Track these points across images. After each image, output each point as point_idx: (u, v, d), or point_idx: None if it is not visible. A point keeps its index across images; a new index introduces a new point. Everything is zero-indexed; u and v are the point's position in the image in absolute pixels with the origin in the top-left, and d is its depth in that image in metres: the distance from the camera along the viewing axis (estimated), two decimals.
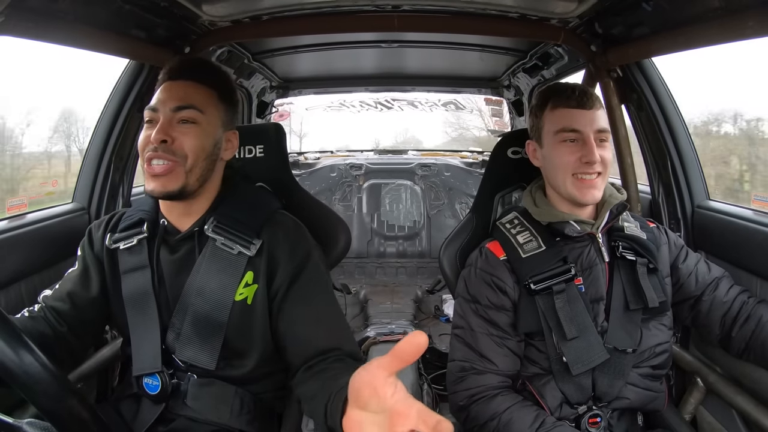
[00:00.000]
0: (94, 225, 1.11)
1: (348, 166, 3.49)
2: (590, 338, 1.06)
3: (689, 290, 1.17)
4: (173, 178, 0.95)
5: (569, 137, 1.09)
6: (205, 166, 0.99)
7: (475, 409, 1.07)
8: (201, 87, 0.99)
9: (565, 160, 1.09)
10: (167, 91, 0.98)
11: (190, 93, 0.98)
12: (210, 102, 1.00)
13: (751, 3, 0.97)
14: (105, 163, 1.58)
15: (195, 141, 0.97)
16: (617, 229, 1.15)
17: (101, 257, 1.06)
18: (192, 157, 0.96)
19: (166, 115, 0.96)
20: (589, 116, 1.08)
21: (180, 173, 0.95)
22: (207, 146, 0.98)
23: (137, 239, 1.03)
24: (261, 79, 2.76)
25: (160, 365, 0.98)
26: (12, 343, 0.65)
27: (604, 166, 1.08)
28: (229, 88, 1.05)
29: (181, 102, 0.97)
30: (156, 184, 0.95)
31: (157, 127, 0.95)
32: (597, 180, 1.08)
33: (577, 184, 1.08)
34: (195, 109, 0.97)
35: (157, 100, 0.98)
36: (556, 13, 1.44)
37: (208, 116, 0.99)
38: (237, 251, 0.99)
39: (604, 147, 1.09)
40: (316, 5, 1.45)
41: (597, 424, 1.07)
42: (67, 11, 1.08)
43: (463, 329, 1.14)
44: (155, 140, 0.94)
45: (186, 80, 0.99)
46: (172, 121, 0.96)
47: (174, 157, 0.95)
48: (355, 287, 3.14)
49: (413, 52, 2.43)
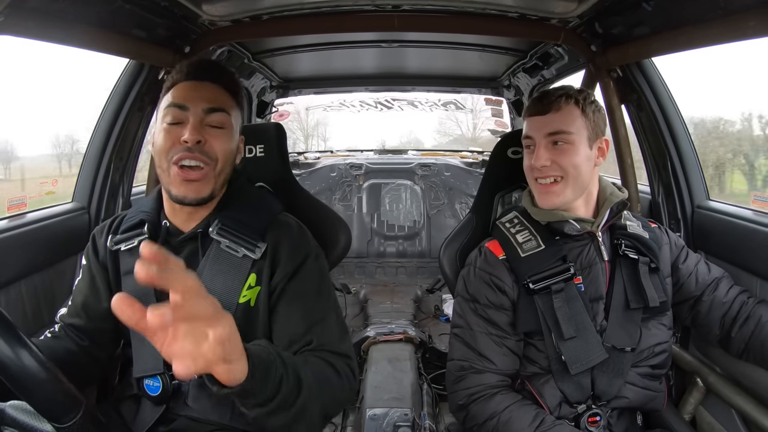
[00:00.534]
0: (97, 231, 1.10)
1: (348, 165, 3.49)
2: (589, 338, 1.06)
3: (689, 290, 1.17)
4: (206, 183, 0.95)
5: (527, 144, 1.12)
6: (229, 171, 1.00)
7: (474, 409, 1.07)
8: (225, 91, 1.00)
9: (525, 166, 1.13)
10: (195, 90, 0.97)
11: (219, 96, 0.98)
12: (233, 107, 1.00)
13: (752, 3, 0.97)
14: (105, 163, 1.58)
15: (225, 145, 0.97)
16: (620, 227, 1.15)
17: (106, 263, 1.06)
18: (222, 160, 0.96)
19: (198, 115, 0.95)
20: (542, 121, 1.09)
21: (211, 178, 0.96)
22: (233, 150, 1.00)
23: (138, 240, 1.02)
24: (261, 79, 2.76)
25: (161, 367, 0.98)
26: (11, 343, 0.65)
27: (563, 169, 1.07)
28: (242, 95, 1.06)
29: (213, 104, 0.96)
30: (189, 189, 0.94)
31: (190, 127, 0.93)
32: (556, 186, 1.08)
33: (537, 189, 1.11)
34: (224, 112, 0.97)
35: (185, 98, 0.96)
36: (556, 12, 1.44)
37: (232, 120, 1.00)
38: (242, 254, 0.99)
39: (559, 149, 1.07)
40: (316, 5, 1.45)
41: (596, 423, 1.07)
42: (67, 11, 1.08)
43: (462, 328, 1.14)
44: (191, 140, 0.92)
45: (212, 82, 0.99)
46: (203, 123, 0.95)
47: (208, 159, 0.94)
48: (355, 287, 3.14)
49: (413, 52, 2.43)
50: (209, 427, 1.00)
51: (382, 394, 1.82)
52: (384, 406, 1.73)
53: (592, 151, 1.09)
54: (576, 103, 1.09)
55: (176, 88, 0.98)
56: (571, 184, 1.08)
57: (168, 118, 0.96)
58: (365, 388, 1.90)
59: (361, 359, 2.25)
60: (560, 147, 1.07)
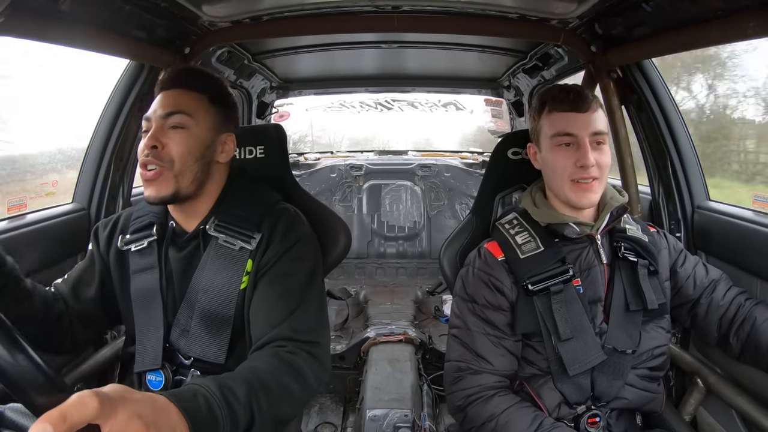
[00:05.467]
0: (101, 224, 1.16)
1: (348, 166, 3.49)
2: (587, 339, 1.06)
3: (687, 293, 1.17)
4: (163, 182, 0.99)
5: (564, 141, 1.08)
6: (198, 169, 1.02)
7: (472, 411, 1.07)
8: (191, 93, 1.03)
9: (561, 165, 1.08)
10: (159, 101, 1.03)
11: (179, 99, 1.02)
12: (200, 106, 1.03)
13: (752, 3, 0.97)
14: (105, 164, 1.58)
15: (182, 146, 1.00)
16: (620, 231, 1.15)
17: (105, 258, 1.11)
18: (179, 161, 0.99)
19: (158, 122, 1.00)
20: (584, 119, 1.07)
21: (168, 178, 0.99)
22: (195, 150, 1.01)
23: (147, 242, 1.07)
24: (261, 80, 2.76)
25: (160, 362, 1.02)
26: (7, 345, 0.64)
27: (601, 170, 1.07)
28: (220, 91, 1.08)
29: (170, 108, 1.00)
30: (149, 190, 0.99)
31: (149, 134, 0.99)
32: (594, 184, 1.07)
33: (574, 188, 1.08)
34: (183, 114, 1.00)
35: (150, 110, 1.02)
36: (556, 13, 1.44)
37: (198, 120, 1.02)
38: (239, 247, 1.02)
39: (600, 150, 1.08)
40: (316, 6, 1.45)
41: (596, 423, 1.07)
42: (68, 11, 1.08)
43: (460, 329, 1.14)
44: (146, 146, 0.98)
45: (176, 89, 1.03)
46: (164, 128, 1.00)
47: (161, 162, 0.98)
48: (355, 288, 3.14)
49: (413, 53, 2.44)
50: None
51: (382, 395, 1.82)
52: (384, 407, 1.73)
53: None
54: (599, 105, 1.11)
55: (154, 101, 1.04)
56: (603, 183, 1.10)
57: (143, 129, 1.03)
58: (365, 389, 1.90)
59: (361, 360, 2.25)
60: (600, 147, 1.08)
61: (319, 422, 2.13)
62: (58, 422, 0.44)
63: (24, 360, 0.63)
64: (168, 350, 1.03)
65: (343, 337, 2.55)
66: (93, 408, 0.47)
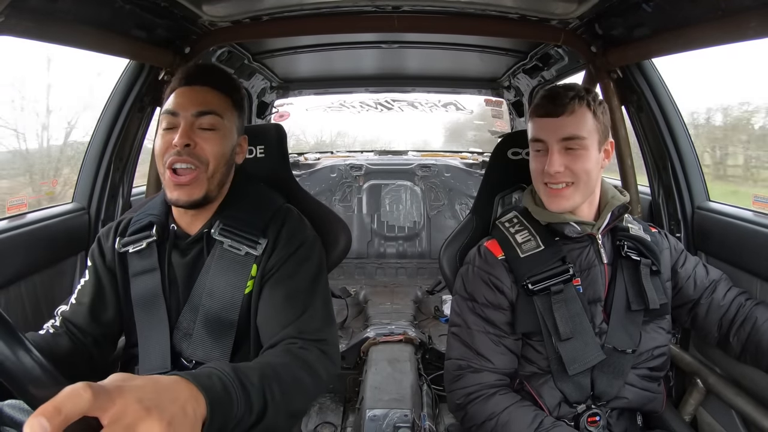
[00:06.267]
0: (102, 233, 1.11)
1: (348, 166, 3.49)
2: (586, 339, 1.06)
3: (688, 294, 1.17)
4: (197, 186, 0.97)
5: (536, 147, 1.09)
6: (224, 172, 1.01)
7: (472, 409, 1.07)
8: (218, 93, 1.01)
9: (534, 170, 1.10)
10: (186, 95, 0.99)
11: (210, 99, 0.99)
12: (227, 108, 1.01)
13: (752, 4, 0.97)
14: (105, 163, 1.58)
15: (217, 147, 0.98)
16: (622, 230, 1.15)
17: (113, 266, 1.07)
18: (213, 163, 0.97)
19: (188, 119, 0.97)
20: (555, 124, 1.05)
21: (203, 180, 0.97)
22: (226, 152, 1.00)
23: (146, 243, 1.05)
24: (261, 80, 2.76)
25: (169, 365, 1.00)
26: (9, 342, 0.64)
27: (575, 176, 1.05)
28: (241, 94, 1.07)
29: (202, 107, 0.97)
30: (181, 193, 0.96)
31: (179, 131, 0.95)
32: (566, 190, 1.06)
33: (547, 193, 1.08)
34: (216, 114, 0.98)
35: (176, 104, 0.98)
36: (557, 14, 1.44)
37: (227, 122, 1.00)
38: (244, 252, 1.01)
39: (572, 155, 1.05)
40: (316, 6, 1.45)
41: (596, 423, 1.07)
42: (68, 11, 1.08)
43: (460, 327, 1.14)
44: (179, 143, 0.94)
45: (203, 86, 1.00)
46: (194, 126, 0.97)
47: (198, 162, 0.96)
48: (354, 288, 3.13)
49: (413, 53, 2.44)
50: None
51: (382, 395, 1.82)
52: (384, 407, 1.72)
53: (600, 154, 1.08)
54: (588, 105, 1.06)
55: (173, 94, 1.00)
56: (581, 188, 1.07)
57: (163, 124, 0.99)
58: (365, 388, 1.90)
59: (361, 360, 2.25)
60: (574, 152, 1.05)
61: (319, 422, 2.13)
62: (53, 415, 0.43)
63: (24, 355, 0.63)
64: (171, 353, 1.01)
65: (343, 337, 2.54)
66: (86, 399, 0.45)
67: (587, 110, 1.06)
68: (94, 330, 1.04)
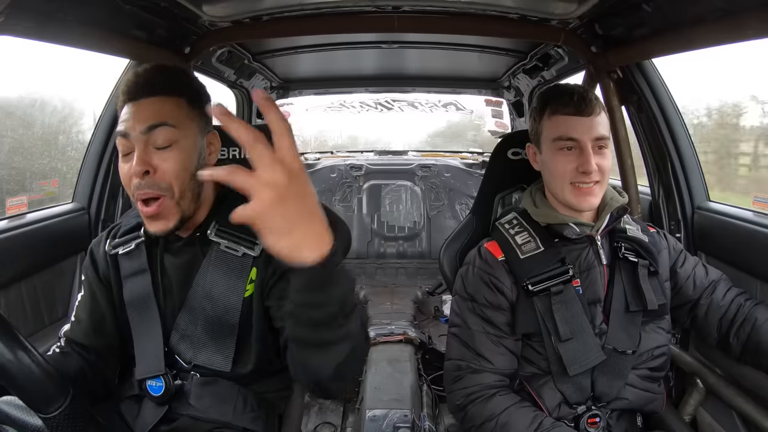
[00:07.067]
0: (94, 244, 1.08)
1: (348, 166, 3.49)
2: (586, 340, 1.06)
3: (687, 294, 1.17)
4: (168, 215, 0.90)
5: (566, 145, 1.07)
6: (195, 185, 0.93)
7: (472, 410, 1.07)
8: (167, 98, 0.90)
9: (561, 169, 1.08)
10: (131, 112, 0.89)
11: (159, 108, 0.89)
12: (180, 112, 0.91)
13: (753, 3, 0.97)
14: (105, 163, 1.58)
15: (178, 165, 0.89)
16: (620, 231, 1.15)
17: (107, 273, 1.04)
18: (177, 184, 0.89)
19: (140, 140, 0.88)
20: (587, 123, 1.06)
21: (171, 207, 0.90)
22: (190, 166, 0.91)
23: (135, 243, 1.02)
24: (261, 80, 2.76)
25: (163, 367, 0.99)
26: (9, 344, 0.64)
27: (602, 174, 1.07)
28: (196, 88, 0.96)
29: (150, 121, 0.88)
30: (156, 225, 0.91)
31: (135, 158, 0.87)
32: (594, 188, 1.07)
33: (574, 192, 1.07)
34: (168, 126, 0.88)
35: (124, 124, 0.89)
36: (556, 14, 1.44)
37: (184, 129, 0.91)
38: (241, 253, 0.98)
39: (602, 154, 1.07)
40: (316, 6, 1.45)
41: (596, 424, 1.07)
42: (67, 11, 1.08)
43: (460, 327, 1.14)
44: (137, 173, 0.87)
45: (149, 96, 0.90)
46: (148, 147, 0.88)
47: (159, 191, 0.88)
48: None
49: (413, 53, 2.44)
50: (210, 426, 1.00)
51: (382, 396, 1.82)
52: (384, 407, 1.72)
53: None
54: (602, 108, 1.10)
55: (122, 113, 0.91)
56: (604, 186, 1.09)
57: (120, 149, 0.91)
58: (365, 389, 1.90)
59: None
60: (602, 152, 1.07)
61: (319, 422, 2.13)
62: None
63: (22, 354, 0.63)
64: (167, 355, 1.00)
65: None
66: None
67: (604, 112, 1.09)
68: (97, 343, 1.03)
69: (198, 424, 1.00)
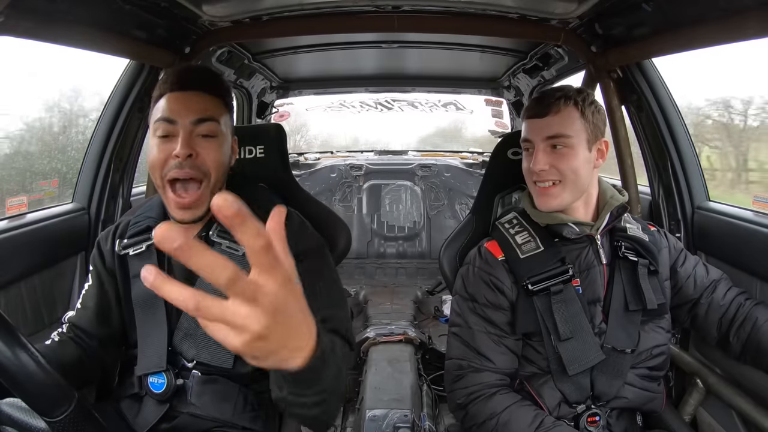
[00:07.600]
0: (102, 237, 1.12)
1: (348, 166, 3.49)
2: (586, 339, 1.06)
3: (688, 293, 1.17)
4: (201, 203, 0.95)
5: (526, 146, 1.12)
6: (224, 179, 1.00)
7: (473, 409, 1.07)
8: (212, 97, 0.98)
9: (524, 169, 1.13)
10: (181, 101, 0.95)
11: (207, 104, 0.96)
12: (222, 112, 0.99)
13: (752, 3, 0.97)
14: (105, 164, 1.58)
15: (218, 155, 0.96)
16: (620, 230, 1.15)
17: (113, 268, 1.08)
18: (215, 173, 0.95)
19: (187, 127, 0.93)
20: (540, 124, 1.08)
21: (206, 195, 0.94)
22: (225, 160, 0.99)
23: (146, 245, 1.05)
24: (261, 80, 2.76)
25: (165, 364, 1.00)
26: (9, 344, 0.64)
27: (561, 174, 1.06)
28: (230, 93, 1.04)
29: (201, 114, 0.94)
30: (185, 213, 0.95)
31: (180, 141, 0.92)
32: (554, 188, 1.07)
33: (536, 192, 1.10)
34: (214, 121, 0.96)
35: (172, 111, 0.94)
36: (556, 13, 1.44)
37: (223, 127, 0.98)
38: (242, 252, 0.99)
39: (558, 153, 1.07)
40: (316, 6, 1.45)
41: (596, 423, 1.07)
42: (67, 11, 1.08)
43: (460, 327, 1.14)
44: (182, 154, 0.91)
45: (197, 90, 0.97)
46: (193, 134, 0.94)
47: (200, 173, 0.93)
48: (354, 288, 3.13)
49: (413, 53, 2.44)
50: (211, 424, 1.02)
51: (382, 395, 1.82)
52: (384, 407, 1.72)
53: (591, 153, 1.09)
54: (575, 105, 1.07)
55: (164, 99, 0.96)
56: (569, 187, 1.08)
57: (159, 132, 0.95)
58: (365, 389, 1.90)
59: (361, 360, 2.25)
60: (559, 151, 1.07)
61: None
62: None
63: (23, 354, 0.63)
64: (170, 353, 1.02)
65: None
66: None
67: (574, 110, 1.07)
68: (101, 332, 1.06)
69: (198, 422, 1.02)
